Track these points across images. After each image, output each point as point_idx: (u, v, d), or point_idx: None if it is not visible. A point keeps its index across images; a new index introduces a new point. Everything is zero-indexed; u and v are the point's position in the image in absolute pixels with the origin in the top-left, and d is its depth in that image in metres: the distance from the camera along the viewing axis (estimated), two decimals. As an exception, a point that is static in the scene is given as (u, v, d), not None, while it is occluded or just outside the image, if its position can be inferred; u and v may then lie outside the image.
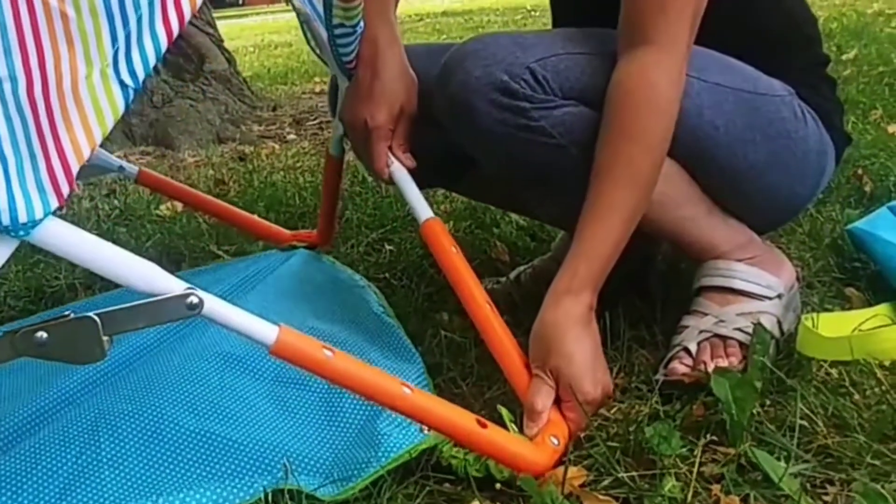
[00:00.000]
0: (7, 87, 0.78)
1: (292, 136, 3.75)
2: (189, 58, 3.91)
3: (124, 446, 1.09)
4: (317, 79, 5.48)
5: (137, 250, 2.01)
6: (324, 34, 1.31)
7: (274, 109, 4.35)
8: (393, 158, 1.31)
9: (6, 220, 0.77)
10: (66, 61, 0.80)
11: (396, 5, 1.40)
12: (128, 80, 0.81)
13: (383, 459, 1.03)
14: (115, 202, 2.64)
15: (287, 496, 0.99)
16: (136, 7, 0.81)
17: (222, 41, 4.28)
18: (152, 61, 0.82)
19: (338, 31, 1.26)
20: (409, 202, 1.28)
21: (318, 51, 1.43)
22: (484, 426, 0.98)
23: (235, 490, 1.00)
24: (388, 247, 1.92)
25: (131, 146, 3.66)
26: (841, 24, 5.49)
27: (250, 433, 1.11)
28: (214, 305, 0.89)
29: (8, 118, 0.77)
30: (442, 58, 1.23)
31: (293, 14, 1.44)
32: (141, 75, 0.81)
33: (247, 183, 2.78)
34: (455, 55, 1.20)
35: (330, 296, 1.54)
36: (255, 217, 1.91)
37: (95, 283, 1.84)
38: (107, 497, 1.01)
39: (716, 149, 1.22)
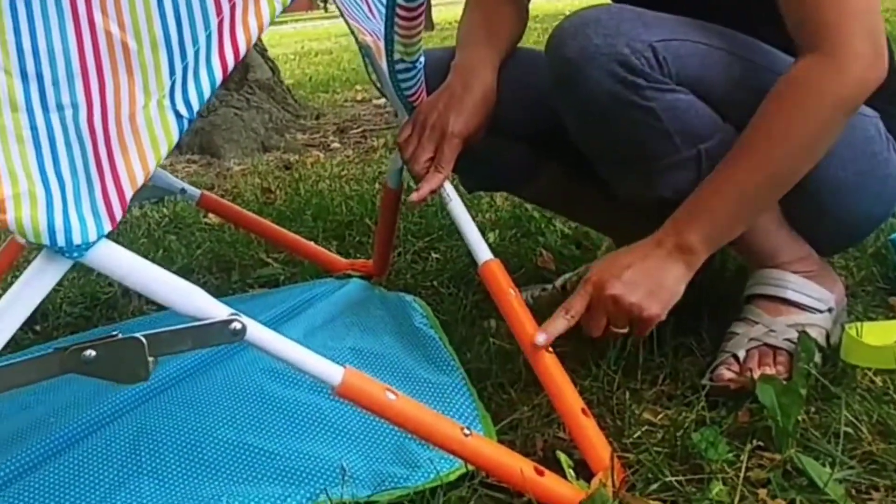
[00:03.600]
0: (69, 113, 0.81)
1: (336, 145, 3.80)
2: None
3: (164, 458, 1.13)
4: (358, 87, 5.54)
5: (188, 258, 2.11)
6: (384, 67, 1.31)
7: (317, 118, 4.42)
8: (451, 196, 1.30)
9: (61, 241, 0.79)
10: (126, 91, 0.83)
11: (510, 45, 1.41)
12: (183, 111, 0.83)
13: (422, 479, 1.04)
14: (165, 210, 2.69)
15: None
16: (195, 41, 0.84)
17: (265, 50, 4.34)
18: (207, 93, 0.84)
19: (398, 66, 1.26)
20: (468, 243, 1.26)
21: (378, 84, 1.42)
22: (541, 474, 0.98)
23: (273, 499, 1.03)
24: (434, 255, 1.95)
25: (177, 155, 3.72)
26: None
27: (289, 444, 1.14)
28: (257, 332, 0.89)
29: (68, 144, 0.80)
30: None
31: (332, 21, 1.44)
32: (196, 106, 0.84)
33: (293, 191, 2.83)
34: (574, 21, 1.17)
35: (375, 316, 1.57)
36: (313, 245, 1.94)
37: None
38: (146, 505, 1.05)
39: None
